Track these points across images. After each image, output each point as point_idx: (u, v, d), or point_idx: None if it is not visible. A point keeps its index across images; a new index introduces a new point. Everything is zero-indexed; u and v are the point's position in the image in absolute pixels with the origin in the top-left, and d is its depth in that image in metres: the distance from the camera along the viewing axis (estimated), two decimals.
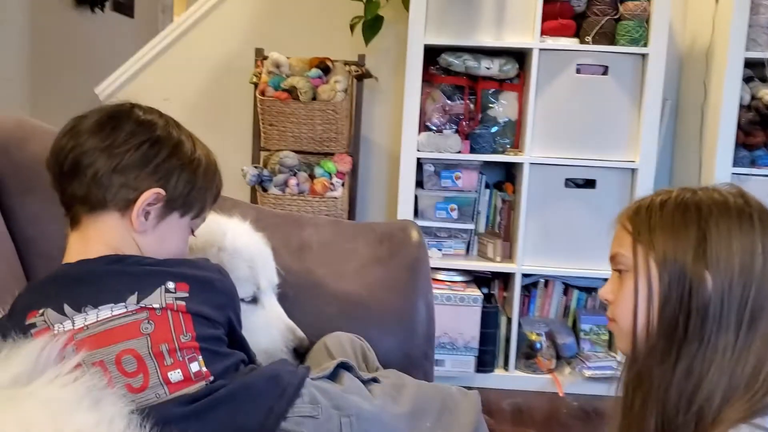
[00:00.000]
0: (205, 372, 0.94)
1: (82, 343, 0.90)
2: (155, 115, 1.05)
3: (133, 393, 0.89)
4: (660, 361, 0.92)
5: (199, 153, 1.06)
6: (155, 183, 1.00)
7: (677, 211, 0.94)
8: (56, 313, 0.93)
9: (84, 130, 1.00)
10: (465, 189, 2.74)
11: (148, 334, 0.92)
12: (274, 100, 2.67)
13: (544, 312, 2.81)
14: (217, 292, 1.02)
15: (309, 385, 0.97)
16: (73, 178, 0.99)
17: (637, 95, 2.63)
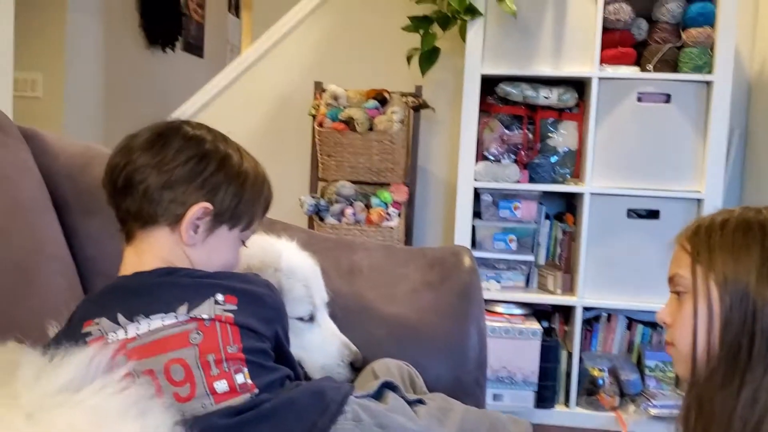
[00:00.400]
0: (250, 384, 0.94)
1: (133, 353, 0.93)
2: (203, 131, 1.07)
3: (181, 402, 0.90)
4: (722, 387, 0.87)
5: (246, 165, 1.07)
6: (203, 197, 1.02)
7: (739, 230, 0.91)
8: (110, 322, 0.96)
9: (135, 148, 1.04)
10: (524, 219, 2.71)
11: (196, 345, 0.94)
12: (332, 131, 2.71)
13: (607, 347, 2.72)
14: (266, 306, 1.03)
15: (352, 403, 0.96)
16: (126, 195, 1.03)
17: (701, 124, 2.56)
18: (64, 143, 1.53)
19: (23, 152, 1.42)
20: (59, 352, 0.82)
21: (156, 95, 4.79)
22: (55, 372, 0.79)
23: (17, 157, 1.39)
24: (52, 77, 3.98)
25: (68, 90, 4.01)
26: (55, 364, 0.80)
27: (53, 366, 0.79)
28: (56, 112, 4.00)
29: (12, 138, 1.42)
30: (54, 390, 0.77)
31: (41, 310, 1.21)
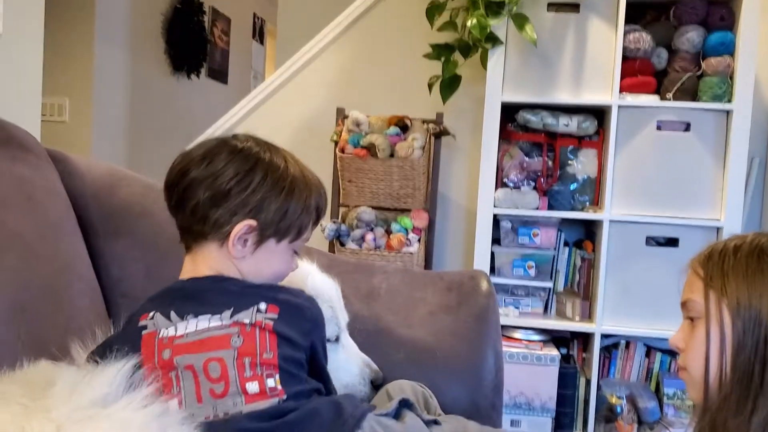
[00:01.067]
0: (279, 390, 0.99)
1: (179, 348, 1.00)
2: (251, 142, 1.11)
3: (215, 398, 0.97)
4: (735, 413, 0.88)
5: (293, 174, 1.10)
6: (248, 214, 1.06)
7: (752, 256, 0.92)
8: (164, 318, 1.04)
9: (187, 164, 1.10)
10: (543, 246, 2.72)
11: (236, 348, 1.00)
12: (353, 157, 2.74)
13: (625, 374, 2.71)
14: (305, 318, 1.08)
15: (371, 420, 0.99)
16: (179, 211, 1.11)
17: (721, 152, 2.57)
18: (90, 165, 1.57)
19: (51, 174, 1.47)
20: (95, 368, 0.86)
21: (181, 120, 4.88)
22: (87, 388, 0.82)
23: (46, 179, 1.43)
24: (79, 102, 4.08)
25: (95, 115, 4.11)
26: (88, 380, 0.83)
27: (86, 382, 0.83)
28: (83, 137, 4.09)
29: (41, 160, 1.47)
30: (85, 405, 0.80)
31: (67, 330, 1.25)
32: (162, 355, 1.00)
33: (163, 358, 1.00)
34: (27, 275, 1.22)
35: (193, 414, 0.95)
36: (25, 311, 1.18)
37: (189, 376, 0.98)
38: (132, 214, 1.52)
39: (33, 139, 1.45)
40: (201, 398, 0.97)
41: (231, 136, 1.13)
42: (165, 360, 1.00)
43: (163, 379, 0.98)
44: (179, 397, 0.97)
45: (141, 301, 1.36)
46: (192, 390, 0.98)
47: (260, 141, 1.13)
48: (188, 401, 0.97)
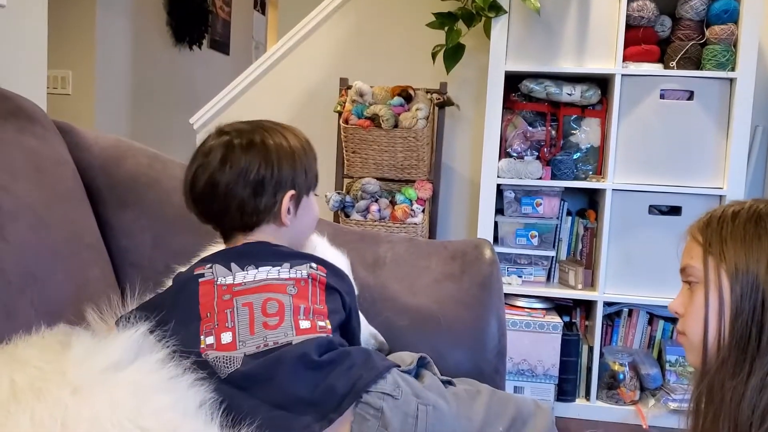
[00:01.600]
0: (328, 328, 1.08)
1: (238, 293, 1.09)
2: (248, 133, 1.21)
3: (267, 329, 1.05)
4: (732, 375, 0.90)
5: (293, 143, 1.22)
6: (284, 188, 1.18)
7: (750, 222, 0.93)
8: (224, 268, 1.12)
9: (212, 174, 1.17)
10: (546, 216, 2.73)
11: (291, 295, 1.10)
12: (357, 128, 2.75)
13: (628, 342, 2.74)
14: (346, 281, 1.21)
15: (395, 373, 1.05)
16: (223, 216, 1.19)
17: (724, 120, 2.57)
18: (97, 137, 1.59)
19: (59, 145, 1.48)
20: (107, 335, 0.89)
21: (183, 92, 4.87)
22: (102, 352, 0.85)
23: (54, 150, 1.45)
24: (82, 75, 4.07)
25: (98, 87, 4.10)
26: (102, 345, 0.86)
27: (101, 347, 0.85)
28: (86, 109, 4.09)
29: (49, 131, 1.48)
30: (99, 368, 0.83)
31: (77, 298, 1.27)
32: (222, 297, 1.08)
33: (222, 299, 1.08)
34: (38, 244, 1.24)
35: (245, 343, 1.03)
36: (37, 280, 1.20)
37: (245, 311, 1.06)
38: (139, 185, 1.54)
39: (40, 110, 1.47)
40: (254, 330, 1.05)
41: (222, 133, 1.21)
42: (224, 301, 1.07)
43: (218, 316, 1.05)
44: (233, 329, 1.04)
45: (150, 271, 1.40)
46: (246, 322, 1.05)
47: (247, 126, 1.23)
48: (241, 332, 1.04)
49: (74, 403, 0.78)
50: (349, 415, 0.99)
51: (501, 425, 1.07)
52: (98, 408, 0.78)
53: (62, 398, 0.78)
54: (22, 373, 0.80)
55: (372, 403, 0.99)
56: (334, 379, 1.00)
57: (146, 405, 0.82)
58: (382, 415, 0.98)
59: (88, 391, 0.80)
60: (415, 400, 1.01)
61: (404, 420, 0.98)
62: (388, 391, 1.00)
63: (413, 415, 0.99)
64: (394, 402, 0.99)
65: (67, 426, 0.75)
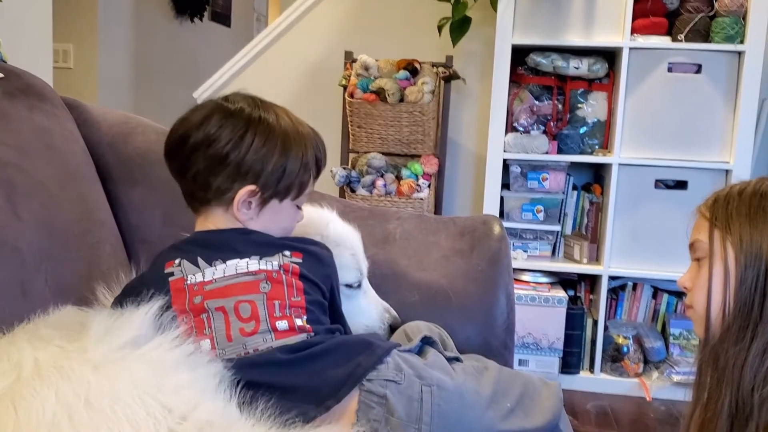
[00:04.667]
0: (307, 327, 1.04)
1: (209, 294, 1.04)
2: (243, 103, 1.12)
3: (245, 336, 1.01)
4: (735, 341, 0.94)
5: (284, 132, 1.10)
6: (248, 179, 1.08)
7: (755, 197, 0.98)
8: (191, 264, 1.07)
9: (187, 131, 1.10)
10: (552, 190, 2.73)
11: (264, 293, 1.04)
12: (363, 102, 2.74)
13: (632, 315, 2.76)
14: (324, 264, 1.14)
15: (395, 355, 1.03)
16: (181, 178, 1.13)
17: (732, 94, 2.56)
18: (105, 113, 1.59)
19: (68, 122, 1.48)
20: (125, 311, 0.89)
21: (185, 65, 4.84)
22: (120, 330, 0.86)
23: (64, 127, 1.45)
24: (84, 48, 4.05)
25: (100, 61, 4.08)
26: (120, 323, 0.87)
27: (118, 325, 0.86)
28: (89, 83, 4.07)
29: (58, 108, 1.48)
30: (119, 345, 0.84)
31: (89, 275, 1.28)
32: (193, 300, 1.03)
33: (194, 303, 1.03)
34: (50, 222, 1.24)
35: (224, 350, 1.00)
36: (50, 257, 1.21)
37: (220, 316, 1.02)
38: (147, 161, 1.53)
39: (49, 87, 1.46)
40: (231, 337, 1.01)
41: (224, 98, 1.14)
42: (196, 304, 1.03)
43: (194, 321, 1.02)
44: (210, 336, 1.01)
45: (160, 247, 1.40)
46: (222, 329, 1.01)
47: (251, 100, 1.14)
48: (219, 340, 1.01)
49: (96, 380, 0.79)
50: (352, 403, 0.97)
51: (509, 401, 1.07)
52: (120, 384, 0.79)
53: (85, 375, 0.79)
54: (45, 351, 0.81)
55: (375, 391, 0.98)
56: (330, 368, 0.99)
57: (167, 382, 0.83)
58: (386, 402, 0.97)
59: (109, 368, 0.81)
60: (418, 382, 1.00)
61: (409, 404, 0.97)
62: (391, 377, 0.99)
63: (417, 398, 0.98)
64: (397, 387, 0.98)
65: (90, 402, 0.76)
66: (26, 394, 0.75)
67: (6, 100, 1.31)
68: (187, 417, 0.80)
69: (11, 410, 0.75)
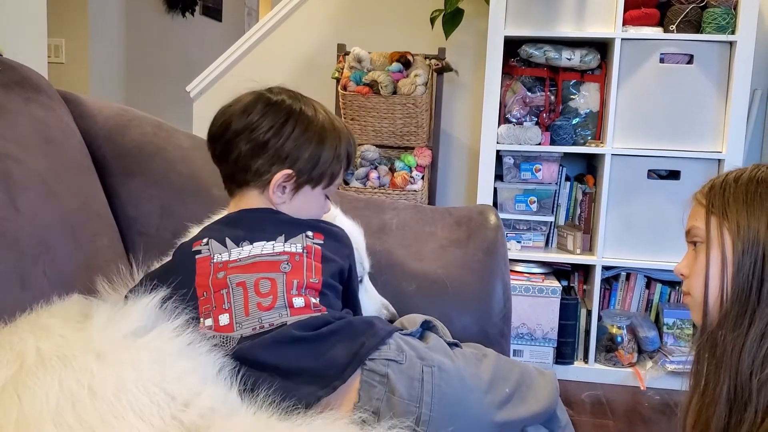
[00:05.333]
0: (321, 307, 1.08)
1: (233, 270, 1.09)
2: (284, 95, 1.20)
3: (261, 310, 1.05)
4: (733, 327, 0.95)
5: (322, 125, 1.18)
6: (285, 164, 1.16)
7: (751, 184, 0.98)
8: (219, 244, 1.12)
9: (229, 117, 1.17)
10: (545, 181, 2.74)
11: (285, 273, 1.09)
12: (356, 95, 2.74)
13: (626, 305, 2.78)
14: (343, 243, 1.21)
15: (397, 338, 1.05)
16: (222, 161, 1.20)
17: (723, 84, 2.57)
18: (101, 106, 1.59)
19: (65, 115, 1.48)
20: (127, 302, 0.90)
21: (176, 59, 4.83)
22: (123, 319, 0.86)
23: (60, 120, 1.45)
24: (76, 43, 4.03)
25: (92, 55, 4.07)
26: (123, 313, 0.87)
27: (121, 315, 0.87)
28: (81, 77, 4.06)
29: (54, 101, 1.48)
30: (121, 335, 0.84)
31: (87, 268, 1.28)
32: (217, 276, 1.08)
33: (217, 278, 1.08)
34: (49, 215, 1.24)
35: (241, 324, 1.03)
36: (49, 250, 1.21)
37: (239, 291, 1.06)
38: (144, 154, 1.54)
39: (45, 80, 1.46)
40: (248, 311, 1.05)
41: (266, 90, 1.21)
42: (219, 279, 1.07)
43: (215, 296, 1.06)
44: (229, 310, 1.05)
45: (158, 239, 1.41)
46: (241, 303, 1.05)
47: (292, 93, 1.22)
48: (237, 314, 1.05)
49: (99, 369, 0.79)
50: (355, 382, 0.99)
51: (507, 387, 1.09)
52: (123, 373, 0.80)
53: (88, 364, 0.79)
54: (48, 341, 0.81)
55: (377, 370, 0.99)
56: (336, 349, 1.01)
57: (169, 370, 0.84)
58: (388, 380, 0.99)
59: (112, 357, 0.82)
60: (419, 362, 1.02)
61: (410, 384, 0.99)
62: (392, 357, 1.01)
63: (418, 378, 1.00)
64: (399, 367, 1.00)
65: (94, 391, 0.77)
66: (30, 383, 0.76)
67: (2, 93, 1.31)
68: (189, 404, 0.82)
69: (15, 399, 0.75)
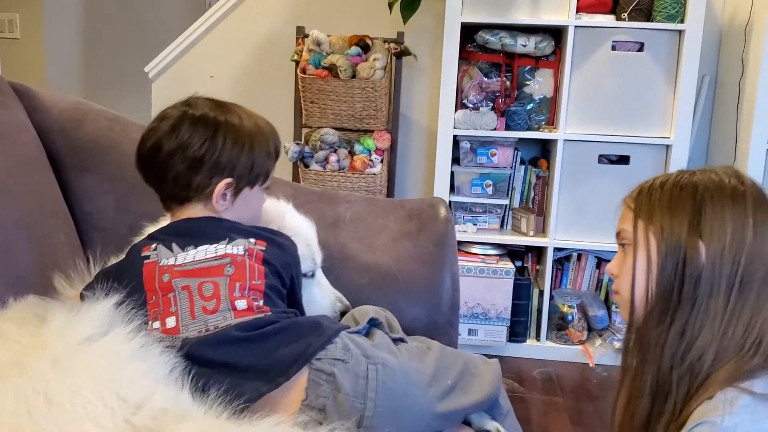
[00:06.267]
0: (264, 308, 1.12)
1: (177, 274, 1.12)
2: (207, 108, 1.22)
3: (207, 314, 1.09)
4: (656, 324, 1.01)
5: (250, 130, 1.22)
6: (224, 174, 1.19)
7: (675, 189, 1.04)
8: (166, 249, 1.16)
9: (159, 139, 1.20)
10: (500, 166, 2.81)
11: (228, 276, 1.13)
12: (315, 78, 2.76)
13: (577, 285, 2.87)
14: (287, 253, 1.23)
15: (344, 336, 1.10)
16: (160, 181, 1.22)
17: (672, 72, 2.65)
18: (55, 99, 1.59)
19: (19, 111, 1.49)
20: (83, 306, 0.94)
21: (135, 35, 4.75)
22: (78, 325, 0.90)
23: (14, 116, 1.45)
24: (30, 17, 3.96)
25: (47, 30, 3.99)
26: (78, 319, 0.91)
27: (76, 321, 0.90)
28: (36, 53, 3.99)
29: (6, 96, 1.48)
30: (76, 341, 0.88)
31: (43, 265, 1.31)
32: (162, 279, 1.12)
33: (162, 281, 1.11)
34: (2, 214, 1.26)
35: (187, 327, 1.07)
36: (4, 249, 1.23)
37: (185, 295, 1.10)
38: (99, 148, 1.55)
39: None
40: (194, 315, 1.09)
41: (185, 104, 1.23)
42: (164, 283, 1.11)
43: (162, 299, 1.10)
44: (176, 313, 1.09)
45: (114, 234, 1.44)
46: (187, 307, 1.09)
47: (212, 103, 1.25)
48: (183, 317, 1.09)
49: (55, 376, 0.83)
50: (302, 380, 1.04)
51: (450, 378, 1.15)
52: (78, 379, 0.84)
53: (44, 372, 0.83)
54: (4, 348, 0.85)
55: (324, 369, 1.05)
56: (282, 348, 1.06)
57: (122, 374, 0.88)
58: (334, 379, 1.04)
59: (68, 364, 0.85)
60: (365, 361, 1.07)
61: (355, 382, 1.04)
62: (339, 356, 1.06)
63: (363, 376, 1.05)
64: (345, 366, 1.05)
65: (50, 398, 0.80)
66: None
67: None
68: (141, 406, 0.86)
69: None
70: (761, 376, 0.95)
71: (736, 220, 0.98)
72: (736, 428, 0.89)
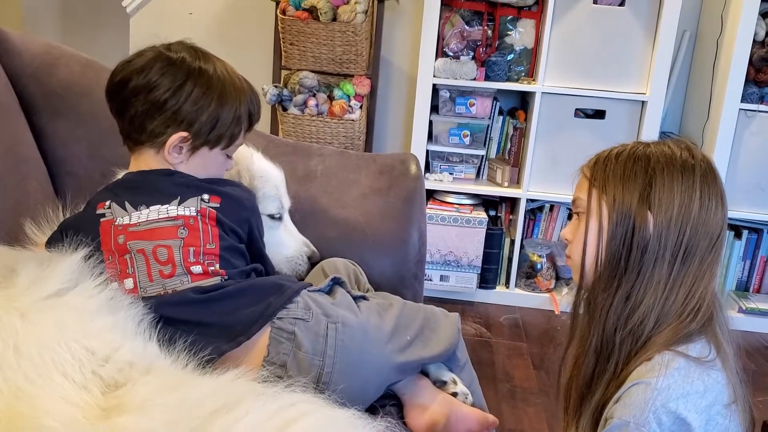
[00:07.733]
0: (221, 272, 1.14)
1: (132, 235, 1.13)
2: (185, 53, 1.19)
3: (164, 278, 1.11)
4: (603, 289, 1.07)
5: (222, 85, 1.19)
6: (181, 126, 1.17)
7: (629, 160, 1.08)
8: (119, 207, 1.15)
9: (129, 74, 1.17)
10: (478, 116, 2.82)
11: (182, 238, 1.13)
12: (295, 20, 2.73)
13: (548, 235, 2.94)
14: (244, 207, 1.23)
15: (305, 295, 1.14)
16: (120, 118, 1.20)
17: (652, 28, 2.65)
18: (26, 42, 1.57)
19: None
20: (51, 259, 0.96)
21: None
22: (47, 278, 0.93)
23: None
24: None
25: None
26: (47, 273, 0.93)
27: (45, 275, 0.93)
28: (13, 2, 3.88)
29: None
30: (45, 294, 0.91)
31: (16, 211, 1.33)
32: (117, 240, 1.12)
33: (118, 242, 1.12)
34: None
35: (146, 290, 1.10)
36: None
37: (141, 258, 1.11)
38: (72, 93, 1.55)
39: None
40: (152, 277, 1.11)
41: (166, 47, 1.20)
42: (120, 244, 1.12)
43: (119, 260, 1.11)
44: (133, 275, 1.11)
45: (87, 180, 1.45)
46: (144, 270, 1.11)
47: (194, 51, 1.21)
48: (141, 279, 1.11)
49: (24, 328, 0.86)
50: (264, 338, 1.08)
51: (409, 334, 1.19)
52: (46, 332, 0.87)
53: (13, 324, 0.86)
54: None
55: (285, 328, 1.09)
56: (243, 308, 1.09)
57: (90, 327, 0.91)
58: (294, 337, 1.08)
59: (36, 317, 0.88)
60: (325, 319, 1.11)
61: (315, 340, 1.09)
62: (299, 316, 1.10)
63: (323, 334, 1.09)
64: (305, 324, 1.09)
65: (19, 350, 0.84)
66: None
67: None
68: (109, 359, 0.89)
69: None
70: (698, 341, 1.02)
71: (684, 193, 1.02)
72: (669, 389, 0.96)
